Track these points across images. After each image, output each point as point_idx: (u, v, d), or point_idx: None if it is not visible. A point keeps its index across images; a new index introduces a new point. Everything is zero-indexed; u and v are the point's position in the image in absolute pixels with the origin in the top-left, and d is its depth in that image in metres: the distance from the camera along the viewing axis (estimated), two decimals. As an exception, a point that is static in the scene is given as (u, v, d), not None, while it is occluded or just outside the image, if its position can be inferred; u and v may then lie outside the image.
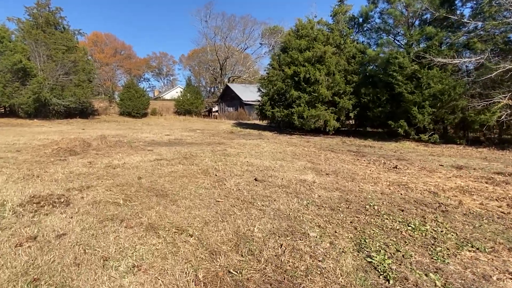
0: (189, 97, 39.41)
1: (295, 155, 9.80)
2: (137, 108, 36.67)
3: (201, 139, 14.55)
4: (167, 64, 79.21)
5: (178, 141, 13.42)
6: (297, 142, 14.35)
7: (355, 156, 10.08)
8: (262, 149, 11.07)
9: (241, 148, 11.25)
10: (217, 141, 14.08)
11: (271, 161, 8.37)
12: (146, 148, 10.31)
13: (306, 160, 8.78)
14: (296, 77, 18.07)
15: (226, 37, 49.35)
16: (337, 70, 16.68)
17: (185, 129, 21.47)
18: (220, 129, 22.42)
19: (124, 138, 13.95)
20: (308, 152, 10.84)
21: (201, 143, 13.02)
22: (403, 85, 13.72)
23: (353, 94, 16.35)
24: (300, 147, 12.26)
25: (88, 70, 32.77)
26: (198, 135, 16.62)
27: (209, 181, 5.73)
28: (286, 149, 11.32)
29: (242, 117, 34.32)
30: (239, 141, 13.86)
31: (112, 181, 5.48)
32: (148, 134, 16.62)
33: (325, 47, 16.64)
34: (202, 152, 9.80)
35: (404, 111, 14.06)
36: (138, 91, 37.59)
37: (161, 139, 14.35)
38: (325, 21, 19.16)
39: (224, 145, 12.33)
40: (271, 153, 10.10)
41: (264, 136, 17.35)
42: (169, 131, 18.82)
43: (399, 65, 13.91)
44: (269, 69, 21.17)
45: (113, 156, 8.24)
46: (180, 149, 10.38)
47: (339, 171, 7.39)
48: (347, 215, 4.08)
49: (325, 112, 16.28)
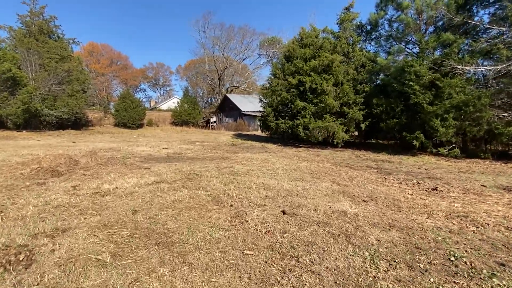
0: (187, 107, 38.16)
1: (313, 174, 8.52)
2: (132, 119, 35.28)
3: (202, 153, 13.21)
4: (164, 75, 78.26)
5: (178, 156, 12.06)
6: (306, 156, 13.09)
7: (379, 174, 8.84)
8: (273, 166, 9.78)
9: (249, 165, 9.94)
10: (220, 155, 12.76)
11: (289, 182, 7.07)
12: (142, 165, 8.93)
13: (329, 181, 7.50)
14: (301, 87, 16.95)
15: (224, 47, 48.57)
16: (346, 79, 15.61)
17: (183, 141, 20.11)
18: (221, 141, 21.10)
19: (118, 152, 12.55)
20: (325, 169, 9.57)
21: (203, 158, 11.69)
22: (420, 95, 12.64)
23: (363, 105, 15.24)
24: (313, 162, 11.00)
25: (82, 80, 31.39)
26: (198, 148, 15.29)
27: (224, 215, 4.40)
28: (300, 165, 10.04)
29: (242, 128, 33.08)
30: (244, 155, 12.56)
31: (99, 218, 4.11)
32: (145, 147, 15.23)
33: (333, 56, 15.60)
34: (207, 170, 8.47)
35: (422, 123, 12.95)
36: (134, 101, 36.26)
37: (158, 153, 12.98)
38: (330, 29, 18.22)
39: (229, 160, 11.02)
40: (285, 171, 8.81)
41: (269, 149, 16.08)
42: (167, 144, 17.45)
43: (416, 74, 12.86)
44: (271, 79, 20.06)
45: (103, 177, 6.86)
46: (181, 166, 9.03)
47: (374, 195, 6.12)
48: (438, 278, 2.78)
49: (333, 123, 15.12)
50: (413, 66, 12.97)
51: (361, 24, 16.97)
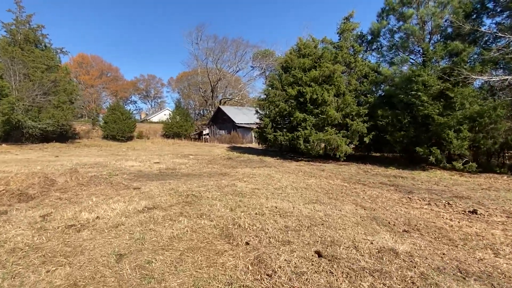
0: (179, 119, 36.91)
1: (328, 193, 7.44)
2: (122, 131, 33.76)
3: (198, 168, 12.00)
4: (155, 87, 76.92)
5: (171, 172, 10.83)
6: (310, 170, 12.04)
7: (400, 193, 7.83)
8: (279, 183, 8.67)
9: (253, 182, 8.80)
10: (218, 170, 11.58)
11: (306, 206, 5.96)
12: (131, 184, 7.68)
13: (351, 203, 6.42)
14: (300, 98, 16.08)
15: (218, 59, 47.83)
16: (348, 90, 14.82)
17: (176, 154, 18.83)
18: (215, 154, 19.90)
19: (104, 168, 11.22)
20: (337, 186, 8.51)
21: (200, 174, 10.49)
22: (429, 106, 11.88)
23: (366, 116, 14.41)
24: (321, 178, 9.93)
25: (69, 91, 29.92)
26: (193, 163, 14.06)
27: (242, 262, 3.23)
28: (309, 183, 8.96)
29: (236, 141, 31.97)
30: (244, 171, 11.42)
31: (68, 271, 2.90)
32: (134, 162, 13.92)
33: (334, 66, 14.84)
34: (207, 190, 7.29)
35: (432, 136, 12.14)
36: (124, 113, 34.84)
37: (149, 168, 11.71)
38: (329, 40, 17.58)
39: (228, 176, 9.86)
40: (296, 190, 7.71)
41: (268, 162, 14.98)
42: (158, 158, 16.16)
43: (424, 84, 12.13)
44: (268, 90, 19.16)
45: (83, 202, 5.60)
46: (176, 185, 7.82)
47: (412, 222, 5.07)
48: None
49: (336, 136, 14.19)
50: (420, 76, 12.25)
51: (361, 34, 16.36)
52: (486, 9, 12.68)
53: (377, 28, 14.89)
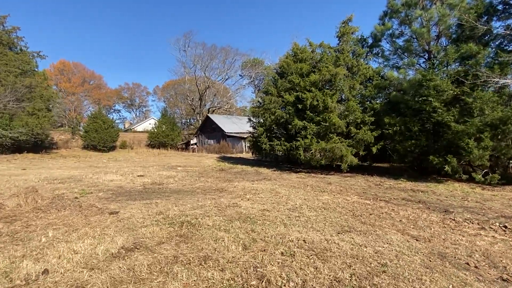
0: (165, 128, 34.90)
1: (355, 215, 5.98)
2: (104, 141, 31.43)
3: (189, 183, 10.32)
4: (140, 95, 74.34)
5: (158, 188, 9.10)
6: (316, 184, 10.61)
7: (435, 213, 6.47)
8: (290, 202, 7.15)
9: (258, 200, 7.24)
10: (213, 184, 9.94)
11: (341, 236, 4.47)
12: (107, 207, 5.96)
13: (392, 229, 4.97)
14: (299, 104, 14.75)
15: (206, 66, 46.10)
16: (352, 95, 13.64)
17: (162, 166, 17.00)
18: (205, 165, 18.19)
19: (77, 184, 9.36)
20: (360, 205, 7.07)
21: (193, 190, 8.82)
22: (444, 113, 10.79)
23: (372, 124, 13.22)
24: (335, 194, 8.48)
25: (47, 97, 27.53)
26: (182, 176, 12.34)
27: None
28: (323, 200, 7.48)
29: (225, 150, 30.28)
30: (243, 185, 9.83)
31: None
32: (114, 175, 12.06)
33: (336, 69, 13.66)
34: (205, 213, 5.68)
35: (447, 145, 11.02)
36: (106, 121, 32.57)
37: (132, 183, 9.93)
38: (327, 44, 16.48)
39: (227, 193, 8.25)
40: (313, 210, 6.21)
41: (266, 174, 13.46)
42: (143, 170, 14.32)
43: (435, 89, 11.07)
44: (263, 97, 17.79)
45: (32, 239, 3.88)
46: (165, 206, 6.16)
47: (496, 261, 3.67)
48: None
49: (341, 144, 12.88)
50: (432, 80, 11.18)
51: (362, 38, 15.36)
52: (496, 12, 11.89)
53: (380, 30, 13.88)
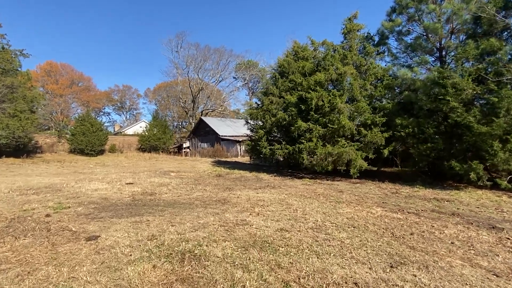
0: (156, 131, 33.33)
1: (394, 236, 4.83)
2: (91, 145, 29.70)
3: (186, 193, 9.02)
4: (131, 98, 72.26)
5: (150, 199, 7.79)
6: (326, 192, 9.46)
7: (480, 229, 5.38)
8: (309, 217, 5.96)
9: (269, 215, 6.03)
10: (212, 194, 8.68)
11: (398, 273, 3.31)
12: (83, 230, 4.65)
13: (455, 258, 3.83)
14: (302, 105, 13.65)
15: (199, 68, 44.55)
16: (362, 95, 12.60)
17: (154, 171, 15.61)
18: (201, 170, 16.87)
19: (55, 195, 7.97)
20: (390, 220, 5.94)
21: (190, 201, 7.55)
22: (464, 113, 9.83)
23: (383, 126, 12.21)
24: (355, 206, 7.33)
25: (30, 99, 25.80)
26: (176, 183, 11.03)
27: None
28: (345, 214, 6.33)
29: (220, 154, 28.96)
30: (247, 195, 8.61)
31: None
32: (100, 183, 10.67)
33: (345, 67, 12.63)
34: (209, 236, 4.44)
35: (468, 148, 10.07)
36: (94, 124, 30.86)
37: (119, 193, 8.59)
38: (330, 42, 15.47)
39: (231, 205, 7.01)
40: (342, 230, 5.04)
41: (267, 181, 12.27)
42: (132, 176, 12.93)
43: (454, 87, 10.13)
44: (262, 98, 16.64)
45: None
46: (159, 227, 4.90)
47: None
48: None
49: (350, 148, 11.80)
50: (450, 78, 10.23)
51: (369, 35, 14.39)
52: (514, 6, 11.07)
53: (389, 27, 12.93)
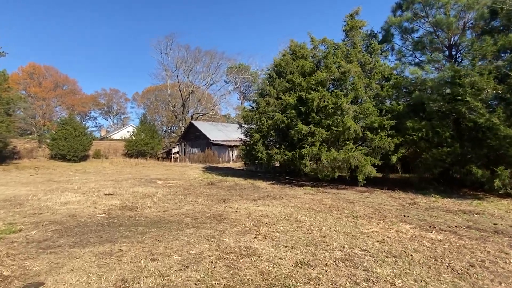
0: (144, 136, 31.53)
1: (457, 272, 3.55)
2: (74, 150, 27.73)
3: (173, 206, 7.58)
4: (118, 102, 69.84)
5: (129, 217, 6.32)
6: (337, 204, 8.19)
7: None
8: (330, 241, 4.65)
9: (281, 240, 4.70)
10: (205, 208, 7.28)
11: None
12: (22, 272, 3.19)
13: None
14: (302, 106, 12.44)
15: (190, 70, 42.81)
16: (368, 95, 11.50)
17: (139, 179, 14.03)
18: (191, 177, 15.37)
19: (11, 211, 6.41)
20: (430, 243, 4.68)
21: (179, 219, 6.13)
22: (486, 114, 8.81)
23: (392, 129, 11.10)
24: (378, 223, 6.06)
25: (6, 100, 23.78)
26: (163, 193, 9.56)
27: None
28: (375, 235, 5.05)
29: (211, 160, 27.46)
30: (247, 208, 7.24)
31: None
32: (74, 194, 9.10)
33: (349, 65, 11.52)
34: (207, 280, 3.06)
35: (490, 152, 9.03)
36: (78, 128, 28.92)
37: (93, 208, 7.08)
38: (331, 40, 14.41)
39: (229, 224, 5.63)
40: (381, 262, 3.75)
41: (265, 190, 10.94)
42: (113, 185, 11.37)
43: (473, 86, 9.12)
44: (258, 99, 15.38)
45: None
46: (134, 264, 3.48)
47: None
48: None
49: (358, 153, 10.62)
50: (468, 76, 9.22)
51: (372, 33, 13.37)
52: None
53: (397, 22, 11.93)
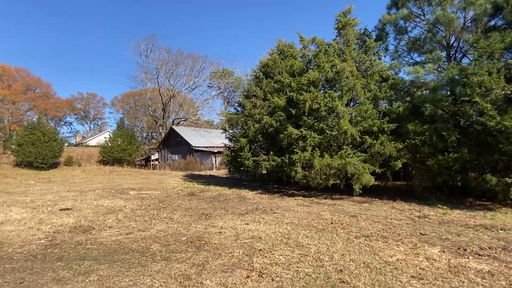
0: (120, 142, 29.39)
1: None
2: (42, 157, 25.21)
3: (141, 226, 6.04)
4: (96, 107, 66.43)
5: (76, 245, 4.75)
6: (338, 219, 6.96)
7: None
8: (347, 277, 3.34)
9: (284, 280, 3.34)
10: (181, 227, 5.81)
11: None
12: None
13: None
14: (292, 108, 11.25)
15: (171, 73, 40.77)
16: (365, 96, 10.46)
17: (109, 189, 12.26)
18: (169, 186, 13.73)
19: None
20: (480, 278, 3.49)
21: (144, 247, 4.63)
22: (496, 116, 7.93)
23: (391, 134, 10.08)
24: (398, 245, 4.83)
25: (-38, 102, 21.20)
26: (132, 208, 7.96)
27: None
28: (404, 267, 3.79)
29: (192, 167, 25.74)
30: (234, 227, 5.84)
31: None
32: (20, 209, 7.34)
33: (343, 64, 10.48)
34: None
35: (501, 158, 8.13)
36: (47, 133, 26.46)
37: (33, 232, 5.44)
38: (321, 40, 13.41)
39: (210, 252, 4.22)
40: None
41: (253, 201, 9.56)
42: (75, 198, 9.61)
43: (482, 86, 8.26)
44: (244, 101, 14.09)
45: None
46: None
47: None
48: None
49: (356, 159, 9.49)
50: (476, 75, 8.36)
51: (366, 31, 12.46)
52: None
53: (392, 20, 11.07)
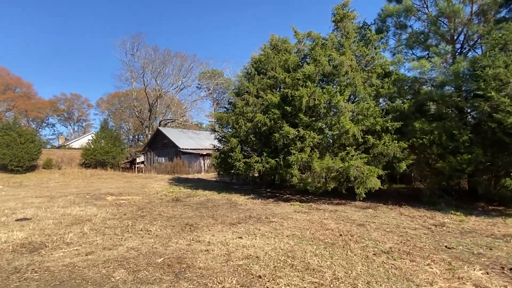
0: (104, 144, 27.71)
1: None
2: (18, 159, 23.34)
3: (107, 243, 4.83)
4: (80, 108, 63.79)
5: (10, 274, 3.50)
6: (345, 228, 5.94)
7: None
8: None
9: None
10: (158, 245, 4.64)
11: None
12: None
13: None
14: (287, 106, 10.24)
15: (158, 73, 39.18)
16: (367, 93, 9.56)
17: (84, 195, 10.89)
18: (152, 191, 12.43)
19: None
20: None
21: (102, 277, 3.44)
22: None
23: (396, 133, 9.20)
24: (429, 265, 3.82)
25: None
26: (104, 218, 6.71)
27: None
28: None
29: (180, 170, 24.36)
30: (224, 241, 4.72)
31: None
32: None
33: (341, 57, 9.57)
34: None
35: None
36: (23, 134, 24.60)
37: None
38: (317, 34, 12.52)
39: (194, 282, 3.10)
40: None
41: (245, 207, 8.45)
42: (41, 205, 8.26)
43: (497, 79, 7.47)
44: (234, 99, 13.01)
45: None
46: None
47: None
48: None
49: (360, 162, 8.54)
50: (491, 67, 7.57)
51: (365, 24, 11.62)
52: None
53: (395, 11, 10.24)
